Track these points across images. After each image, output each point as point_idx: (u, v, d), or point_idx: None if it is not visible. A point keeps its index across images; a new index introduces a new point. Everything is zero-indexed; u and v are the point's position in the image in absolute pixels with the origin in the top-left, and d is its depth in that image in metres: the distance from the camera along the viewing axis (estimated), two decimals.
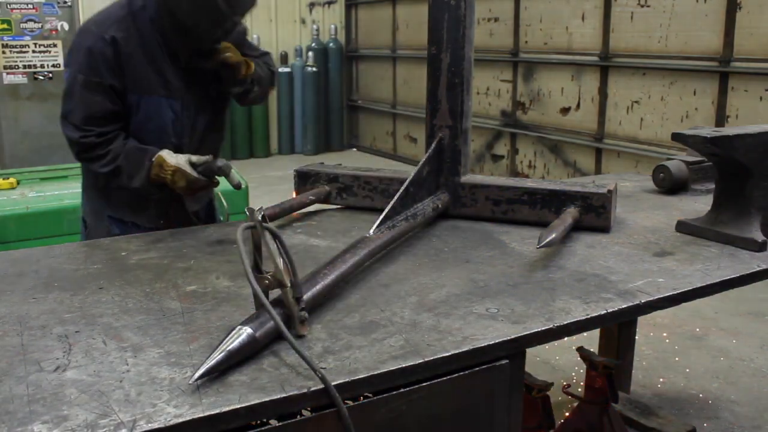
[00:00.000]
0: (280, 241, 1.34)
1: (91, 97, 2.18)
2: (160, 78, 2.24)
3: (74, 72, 2.20)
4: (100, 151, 2.19)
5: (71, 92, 2.21)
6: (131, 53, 2.19)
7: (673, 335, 4.21)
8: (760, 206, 1.98)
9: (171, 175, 2.13)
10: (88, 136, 2.18)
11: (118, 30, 2.17)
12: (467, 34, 2.12)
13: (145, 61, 2.21)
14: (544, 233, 1.82)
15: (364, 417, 1.24)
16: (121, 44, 2.17)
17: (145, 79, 2.22)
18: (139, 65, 2.20)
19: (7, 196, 3.92)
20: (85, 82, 2.17)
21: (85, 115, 2.18)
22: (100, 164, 2.20)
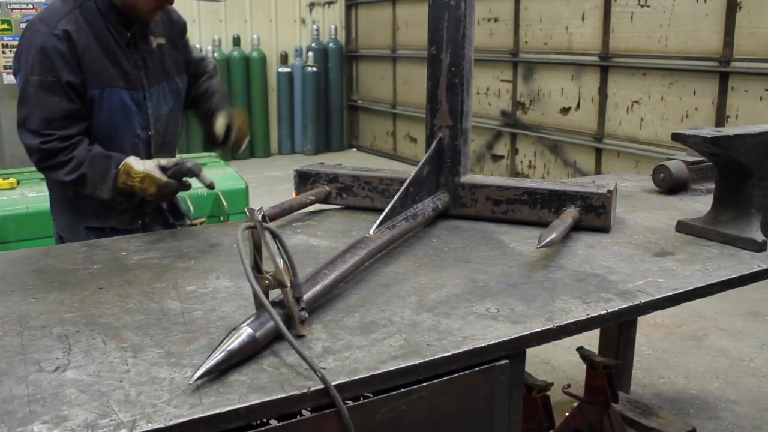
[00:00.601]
0: (280, 241, 1.34)
1: (48, 98, 2.06)
2: (117, 69, 2.16)
3: (26, 74, 2.08)
4: (63, 158, 2.07)
5: (25, 96, 2.09)
6: (86, 46, 2.10)
7: (673, 335, 4.22)
8: (760, 206, 1.98)
9: (140, 182, 2.05)
10: (49, 141, 2.06)
11: (68, 23, 2.08)
12: (467, 34, 2.12)
13: (101, 52, 2.12)
14: (544, 233, 1.82)
15: (364, 417, 1.24)
16: (74, 37, 2.07)
17: (103, 72, 2.13)
18: (95, 58, 2.11)
19: (7, 196, 3.92)
20: (40, 82, 2.06)
21: (43, 118, 2.06)
22: (63, 172, 2.08)
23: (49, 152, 2.08)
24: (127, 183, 2.06)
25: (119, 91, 2.18)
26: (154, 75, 2.28)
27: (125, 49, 2.19)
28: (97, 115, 2.17)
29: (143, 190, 2.07)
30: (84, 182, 2.09)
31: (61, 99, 2.08)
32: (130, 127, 2.24)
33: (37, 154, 2.10)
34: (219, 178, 4.32)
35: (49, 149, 2.07)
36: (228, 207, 4.06)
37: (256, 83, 10.30)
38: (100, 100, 2.15)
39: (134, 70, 2.21)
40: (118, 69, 2.17)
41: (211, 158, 4.89)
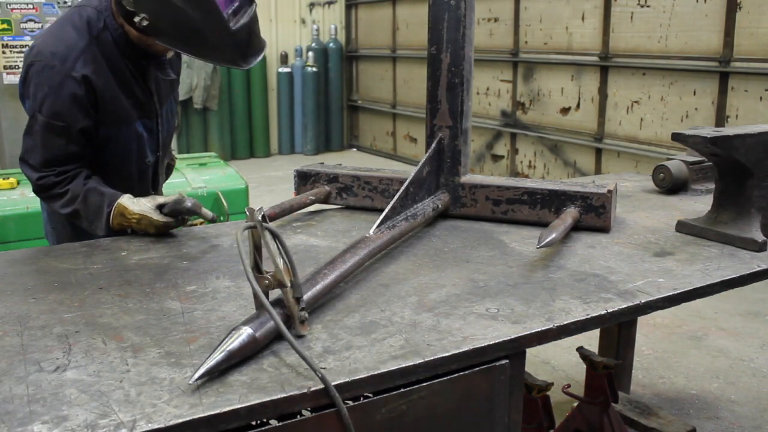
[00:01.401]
0: (280, 241, 1.34)
1: (53, 140, 2.03)
2: (131, 100, 2.13)
3: (34, 110, 2.03)
4: (59, 190, 2.06)
5: (31, 131, 2.05)
6: (104, 87, 2.04)
7: (673, 335, 4.22)
8: (760, 206, 1.98)
9: (136, 223, 2.02)
10: (47, 176, 2.05)
11: (86, 63, 2.00)
12: (467, 34, 2.12)
13: (117, 89, 2.08)
14: (544, 233, 1.82)
15: (364, 417, 1.24)
16: (93, 81, 2.01)
17: (120, 109, 2.11)
18: (113, 97, 2.07)
19: (7, 196, 3.92)
20: (47, 125, 2.01)
21: (45, 158, 2.04)
22: (59, 204, 2.07)
23: (45, 186, 2.07)
24: (122, 224, 2.03)
25: (132, 124, 2.16)
26: (164, 96, 2.28)
27: (139, 79, 2.15)
28: (108, 149, 2.15)
29: (140, 229, 2.05)
30: (78, 217, 2.08)
31: (68, 143, 2.04)
32: (142, 155, 2.24)
33: (34, 186, 2.10)
34: (219, 178, 4.33)
35: (45, 184, 2.07)
36: (228, 207, 4.06)
37: (256, 83, 10.31)
38: (116, 137, 2.14)
39: (148, 98, 2.19)
40: (132, 99, 2.14)
41: (210, 158, 4.89)
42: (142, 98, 2.17)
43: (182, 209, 2.02)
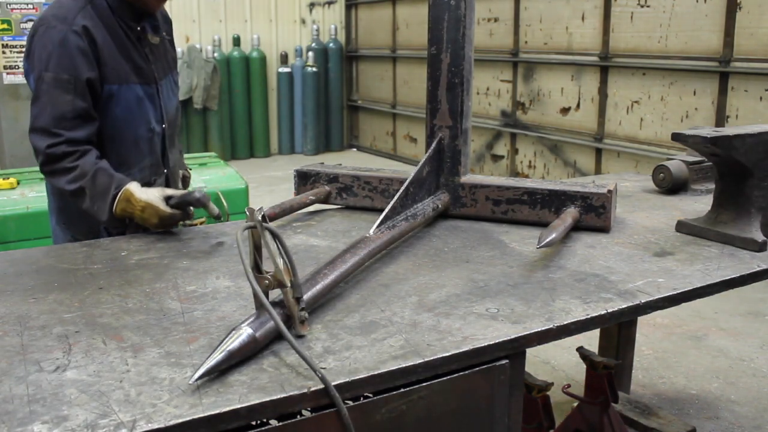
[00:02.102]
0: (280, 241, 1.34)
1: (61, 95, 2.02)
2: (129, 63, 2.15)
3: (40, 72, 2.03)
4: (68, 164, 2.02)
5: (38, 95, 2.04)
6: (103, 41, 2.07)
7: (673, 335, 4.22)
8: (760, 206, 1.98)
9: (141, 212, 1.99)
10: (56, 144, 2.02)
11: (85, 19, 2.04)
12: (467, 34, 2.12)
13: (115, 48, 2.11)
14: (544, 233, 1.82)
15: (364, 417, 1.24)
16: (93, 33, 2.05)
17: (119, 67, 2.12)
18: (112, 53, 2.10)
19: (7, 196, 3.92)
20: (55, 79, 2.01)
21: (54, 116, 2.01)
22: (65, 179, 2.03)
23: (54, 156, 2.03)
24: (127, 210, 2.00)
25: (134, 86, 2.17)
26: (161, 68, 2.29)
27: (136, 44, 2.18)
28: (113, 111, 2.14)
29: (143, 219, 2.01)
30: (83, 195, 2.04)
31: (75, 98, 2.03)
32: (145, 121, 2.22)
33: (43, 156, 2.04)
34: (219, 178, 4.33)
35: (54, 153, 2.02)
36: (228, 207, 4.05)
37: (256, 83, 10.31)
38: (117, 95, 2.13)
39: (146, 64, 2.21)
40: (131, 63, 2.16)
41: (210, 158, 4.89)
42: (140, 62, 2.19)
43: (190, 200, 2.00)
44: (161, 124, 2.29)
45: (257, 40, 10.30)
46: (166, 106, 2.31)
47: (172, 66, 2.39)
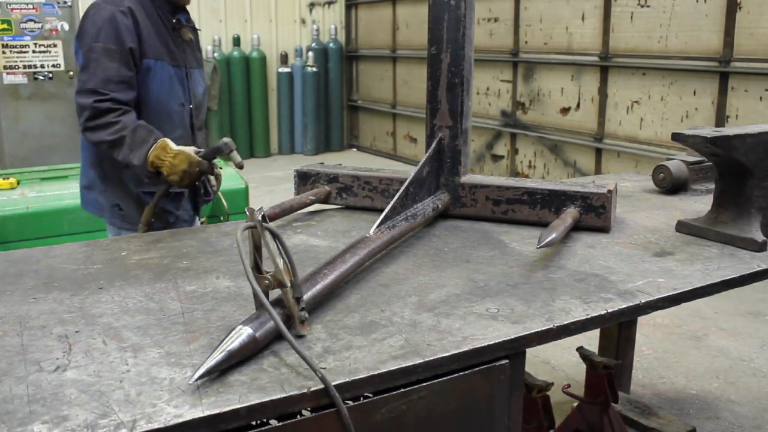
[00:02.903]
0: (280, 241, 1.34)
1: (109, 63, 2.32)
2: (164, 48, 2.47)
3: (90, 43, 2.34)
4: (112, 119, 2.29)
5: (87, 63, 2.33)
6: (144, 22, 2.41)
7: (673, 335, 4.22)
8: (760, 206, 1.98)
9: (173, 158, 2.23)
10: (103, 100, 2.29)
11: (131, 3, 2.40)
12: (467, 34, 2.12)
13: (153, 31, 2.45)
14: (544, 233, 1.82)
15: (364, 417, 1.24)
16: (136, 14, 2.39)
17: (156, 46, 2.45)
18: (150, 33, 2.44)
19: (7, 196, 3.92)
20: (104, 49, 2.32)
21: (102, 79, 2.30)
22: (107, 132, 2.28)
23: (99, 110, 2.29)
24: (160, 157, 2.23)
25: (167, 65, 2.48)
26: (191, 59, 2.61)
27: (171, 32, 2.51)
28: (150, 83, 2.44)
29: (173, 166, 2.23)
30: (122, 145, 2.27)
31: (120, 65, 2.34)
32: (176, 97, 2.52)
33: (89, 111, 2.30)
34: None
35: (99, 107, 2.29)
36: (228, 207, 4.06)
37: (256, 83, 10.31)
38: (154, 70, 2.44)
39: (178, 50, 2.53)
40: (166, 47, 2.48)
41: None
42: (173, 47, 2.51)
43: (218, 146, 2.26)
44: (189, 104, 2.58)
45: (257, 40, 10.30)
46: (194, 90, 2.61)
47: (200, 64, 2.72)
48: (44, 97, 8.84)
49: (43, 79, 8.82)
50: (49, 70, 8.85)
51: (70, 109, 9.14)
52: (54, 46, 8.85)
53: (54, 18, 8.80)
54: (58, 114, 8.95)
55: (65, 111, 9.06)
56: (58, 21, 8.82)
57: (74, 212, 3.88)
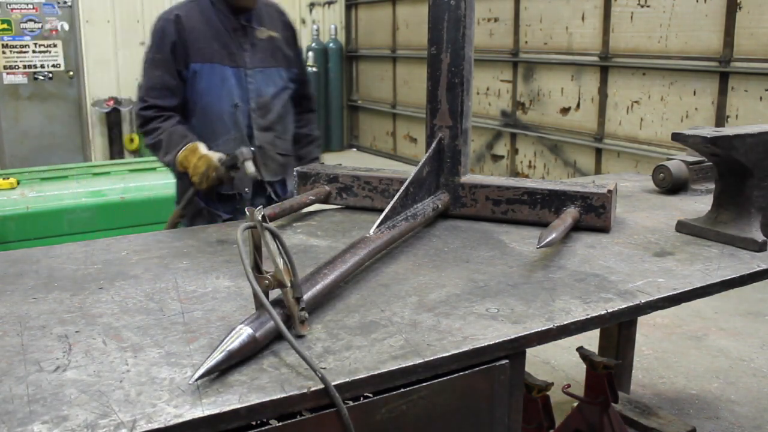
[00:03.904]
0: (280, 241, 1.34)
1: (153, 71, 2.57)
2: (224, 50, 2.60)
3: (145, 55, 2.61)
4: (154, 126, 2.54)
5: (143, 74, 2.60)
6: (193, 27, 2.57)
7: (673, 335, 4.22)
8: (760, 206, 1.98)
9: (197, 160, 2.39)
10: (146, 108, 2.55)
11: (181, 10, 2.60)
12: (467, 34, 2.12)
13: (208, 35, 2.59)
14: (544, 233, 1.82)
15: (364, 417, 1.24)
16: (183, 20, 2.56)
17: (207, 49, 2.59)
18: (201, 37, 2.58)
19: (7, 196, 3.92)
20: (151, 59, 2.58)
21: (147, 87, 2.57)
22: (150, 137, 2.54)
23: (145, 118, 2.56)
24: (188, 158, 2.41)
25: (220, 66, 2.60)
26: (259, 59, 2.67)
27: (232, 33, 2.61)
28: (198, 86, 2.59)
29: (196, 167, 2.39)
30: (160, 148, 2.51)
31: (163, 73, 2.57)
32: (229, 98, 2.62)
33: (138, 119, 2.62)
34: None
35: (144, 116, 2.56)
36: None
37: None
38: (201, 73, 2.59)
39: (238, 51, 2.63)
40: (224, 49, 2.60)
41: None
42: (232, 48, 2.61)
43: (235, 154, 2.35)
44: (246, 104, 2.65)
45: None
46: (258, 90, 2.68)
47: (282, 63, 2.74)
48: (44, 97, 8.85)
49: (43, 79, 8.82)
50: (49, 70, 8.85)
51: (70, 109, 9.15)
52: (54, 46, 8.85)
53: (54, 18, 8.80)
54: (58, 114, 8.96)
55: (65, 111, 9.07)
56: (58, 21, 8.83)
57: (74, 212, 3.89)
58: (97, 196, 4.05)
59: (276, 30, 2.72)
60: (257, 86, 2.66)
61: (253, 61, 2.65)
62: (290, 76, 2.77)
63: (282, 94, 2.74)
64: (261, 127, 2.68)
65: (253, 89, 2.65)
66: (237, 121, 2.62)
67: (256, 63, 2.65)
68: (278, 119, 2.74)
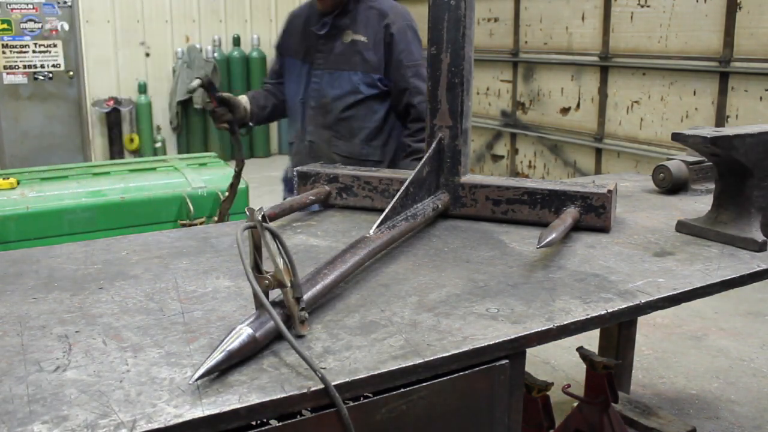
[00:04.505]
0: (280, 241, 1.34)
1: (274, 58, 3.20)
2: (304, 48, 2.91)
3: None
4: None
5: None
6: (295, 25, 2.98)
7: (673, 335, 4.22)
8: (760, 206, 1.98)
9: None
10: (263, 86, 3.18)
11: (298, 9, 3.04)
12: (467, 34, 2.12)
13: (300, 33, 2.94)
14: (544, 233, 1.82)
15: (364, 417, 1.24)
16: (292, 17, 3.03)
17: (292, 46, 2.98)
18: (294, 34, 2.97)
19: (7, 196, 3.91)
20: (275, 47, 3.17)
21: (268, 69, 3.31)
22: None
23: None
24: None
25: (299, 63, 2.94)
26: (332, 61, 2.86)
27: (317, 34, 2.86)
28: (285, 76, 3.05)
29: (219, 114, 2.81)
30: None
31: (275, 60, 3.18)
32: (297, 93, 2.96)
33: None
34: (219, 178, 4.33)
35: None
36: None
37: (256, 83, 10.29)
38: (287, 65, 3.02)
39: (314, 50, 2.89)
40: (305, 48, 2.91)
41: (210, 158, 4.89)
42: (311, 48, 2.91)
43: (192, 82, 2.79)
44: (310, 102, 2.91)
45: (257, 40, 10.30)
46: (319, 90, 2.89)
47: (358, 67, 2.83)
48: (44, 97, 8.85)
49: (43, 79, 8.83)
50: (49, 70, 8.85)
51: (70, 109, 9.15)
52: (54, 46, 8.85)
53: (54, 18, 8.80)
54: (58, 114, 8.95)
55: (65, 111, 9.07)
56: (58, 21, 8.83)
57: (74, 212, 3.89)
58: (97, 196, 4.05)
59: (368, 34, 2.81)
60: (320, 87, 2.87)
61: (326, 63, 2.86)
62: (367, 81, 2.82)
63: (348, 97, 2.85)
64: (318, 124, 2.91)
65: (315, 89, 2.88)
66: (296, 115, 2.97)
67: (327, 65, 2.86)
68: (339, 121, 2.88)
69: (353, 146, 2.91)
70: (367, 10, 2.83)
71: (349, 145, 2.91)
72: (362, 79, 2.82)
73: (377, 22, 2.82)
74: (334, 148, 2.91)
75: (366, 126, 2.89)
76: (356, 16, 2.81)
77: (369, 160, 2.91)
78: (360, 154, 2.92)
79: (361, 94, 2.83)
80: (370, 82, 2.82)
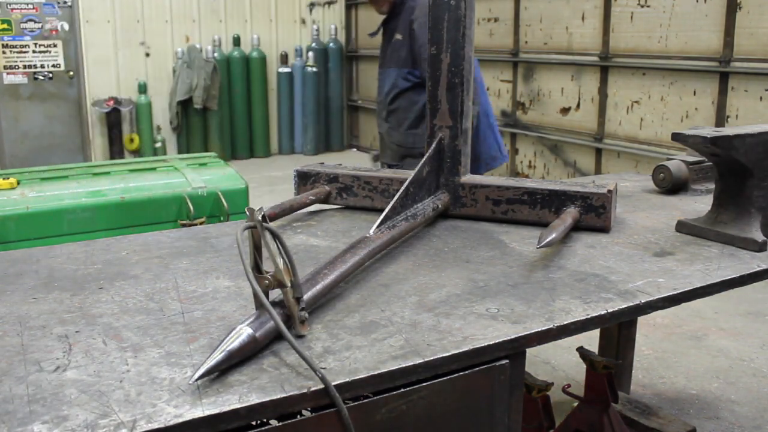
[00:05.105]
0: (280, 241, 1.34)
1: None
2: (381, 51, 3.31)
3: None
4: None
5: None
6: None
7: (673, 335, 4.22)
8: (760, 206, 1.98)
9: None
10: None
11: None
12: (467, 34, 2.12)
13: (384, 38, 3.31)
14: (544, 233, 1.82)
15: (364, 417, 1.24)
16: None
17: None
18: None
19: (7, 196, 3.91)
20: None
21: None
22: None
23: None
24: None
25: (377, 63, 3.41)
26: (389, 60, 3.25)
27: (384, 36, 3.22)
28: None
29: None
30: None
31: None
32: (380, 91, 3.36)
33: None
34: (219, 178, 4.33)
35: None
36: (228, 207, 4.05)
37: (256, 83, 10.31)
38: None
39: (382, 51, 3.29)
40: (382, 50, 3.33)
41: (210, 158, 4.89)
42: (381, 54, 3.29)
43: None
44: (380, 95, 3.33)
45: (257, 40, 10.30)
46: (381, 87, 3.33)
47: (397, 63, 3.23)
48: (44, 97, 8.85)
49: (43, 79, 8.83)
50: (49, 70, 8.85)
51: (70, 109, 9.16)
52: (54, 46, 8.86)
53: (54, 18, 8.81)
54: (58, 114, 8.96)
55: (65, 111, 9.07)
56: (58, 21, 8.83)
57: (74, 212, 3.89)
58: (97, 196, 4.04)
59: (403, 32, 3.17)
60: (381, 83, 3.31)
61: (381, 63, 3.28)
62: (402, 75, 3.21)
63: (392, 91, 3.26)
64: (381, 118, 3.38)
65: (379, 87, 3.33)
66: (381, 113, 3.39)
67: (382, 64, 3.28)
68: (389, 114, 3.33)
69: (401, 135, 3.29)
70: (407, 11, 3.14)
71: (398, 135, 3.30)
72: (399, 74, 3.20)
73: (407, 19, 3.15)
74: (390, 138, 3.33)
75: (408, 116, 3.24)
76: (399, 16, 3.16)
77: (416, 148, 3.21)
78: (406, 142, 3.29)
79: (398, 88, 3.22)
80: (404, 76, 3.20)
